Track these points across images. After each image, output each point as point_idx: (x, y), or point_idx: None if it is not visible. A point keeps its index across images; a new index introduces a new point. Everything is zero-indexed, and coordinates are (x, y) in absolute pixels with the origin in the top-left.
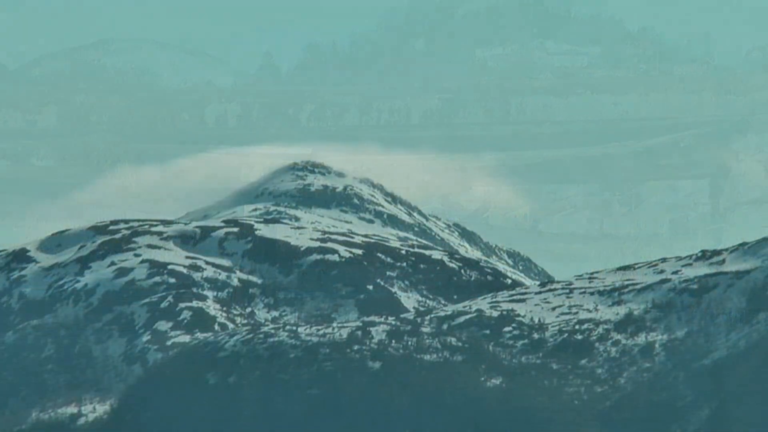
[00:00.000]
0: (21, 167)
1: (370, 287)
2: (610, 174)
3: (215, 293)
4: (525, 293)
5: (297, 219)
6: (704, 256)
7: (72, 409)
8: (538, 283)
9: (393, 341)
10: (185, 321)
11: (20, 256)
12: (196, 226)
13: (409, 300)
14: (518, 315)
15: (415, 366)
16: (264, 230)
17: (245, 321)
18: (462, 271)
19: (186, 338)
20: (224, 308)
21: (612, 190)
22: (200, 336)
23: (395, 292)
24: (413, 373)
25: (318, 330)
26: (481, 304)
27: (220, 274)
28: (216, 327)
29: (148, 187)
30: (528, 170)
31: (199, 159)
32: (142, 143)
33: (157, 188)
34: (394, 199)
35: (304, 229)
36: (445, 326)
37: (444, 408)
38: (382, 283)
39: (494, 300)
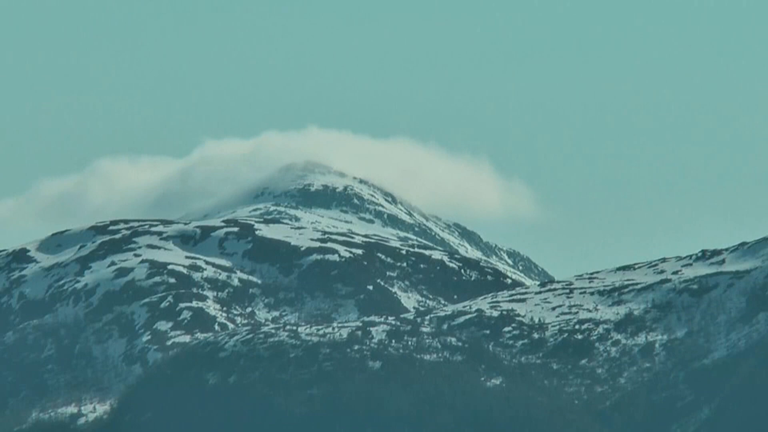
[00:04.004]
0: None
1: (370, 287)
2: None
3: (215, 293)
4: (525, 293)
5: (297, 219)
6: (704, 256)
7: (72, 409)
8: (538, 283)
9: (393, 341)
10: (185, 321)
11: (20, 256)
12: (196, 226)
13: (409, 300)
14: (518, 315)
15: (415, 366)
16: (264, 230)
17: (245, 321)
18: (462, 271)
19: (186, 338)
20: (224, 308)
21: None
22: (200, 336)
23: (395, 292)
24: (413, 373)
25: (318, 330)
26: (481, 304)
27: (220, 274)
28: (216, 327)
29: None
30: None
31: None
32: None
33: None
34: (394, 199)
35: (304, 229)
36: (445, 326)
37: (444, 408)
38: (382, 283)
39: (494, 300)
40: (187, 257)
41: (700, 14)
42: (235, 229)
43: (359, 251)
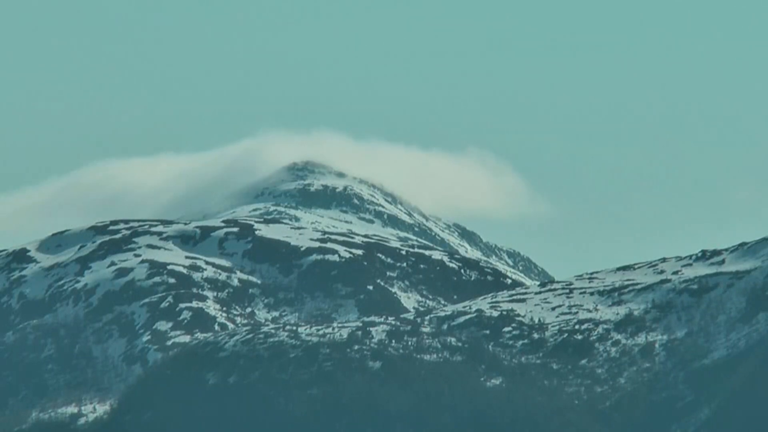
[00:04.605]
0: None
1: (370, 287)
2: None
3: (215, 293)
4: (525, 293)
5: (297, 219)
6: (704, 256)
7: (72, 409)
8: (538, 283)
9: (393, 341)
10: (185, 321)
11: (20, 256)
12: (196, 226)
13: (409, 300)
14: (518, 315)
15: (415, 366)
16: (264, 230)
17: (245, 321)
18: (462, 271)
19: (186, 338)
20: (224, 308)
21: None
22: (200, 336)
23: (395, 292)
24: (413, 373)
25: (318, 330)
26: (481, 304)
27: (220, 274)
28: (216, 327)
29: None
30: None
31: None
32: None
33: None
34: (394, 199)
35: (304, 229)
36: (445, 326)
37: (444, 408)
38: (382, 283)
39: (494, 300)
40: (187, 257)
41: (699, 14)
42: (235, 229)
43: (359, 251)
